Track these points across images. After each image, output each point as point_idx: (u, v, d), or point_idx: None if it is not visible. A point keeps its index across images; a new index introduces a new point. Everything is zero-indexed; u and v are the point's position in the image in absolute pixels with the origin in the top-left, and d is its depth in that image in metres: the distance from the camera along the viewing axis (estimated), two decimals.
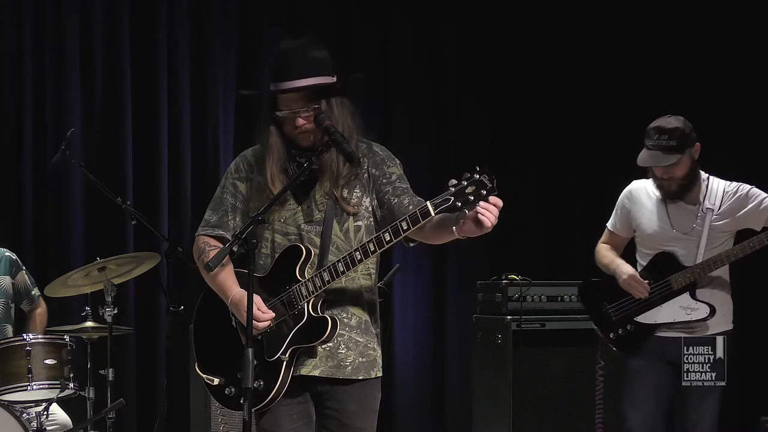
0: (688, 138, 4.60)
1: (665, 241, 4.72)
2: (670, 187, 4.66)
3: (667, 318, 4.71)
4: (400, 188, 3.56)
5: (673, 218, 4.70)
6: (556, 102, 7.60)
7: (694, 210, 4.68)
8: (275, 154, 3.53)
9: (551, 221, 7.59)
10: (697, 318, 4.66)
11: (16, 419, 4.91)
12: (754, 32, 7.10)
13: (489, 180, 3.17)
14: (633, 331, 4.77)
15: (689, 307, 4.67)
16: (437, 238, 3.45)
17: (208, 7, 7.06)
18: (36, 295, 5.66)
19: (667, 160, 4.56)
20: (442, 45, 7.52)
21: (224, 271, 3.53)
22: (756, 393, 6.85)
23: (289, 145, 3.54)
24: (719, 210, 4.66)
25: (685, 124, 4.63)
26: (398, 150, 3.72)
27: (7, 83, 6.69)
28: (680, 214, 4.70)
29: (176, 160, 6.91)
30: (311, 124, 3.49)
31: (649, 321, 4.74)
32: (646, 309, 4.74)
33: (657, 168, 4.63)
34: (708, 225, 4.64)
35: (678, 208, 4.70)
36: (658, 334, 4.73)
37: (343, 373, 3.51)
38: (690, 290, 4.67)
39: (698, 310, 4.66)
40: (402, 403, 7.25)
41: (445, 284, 7.40)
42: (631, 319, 4.77)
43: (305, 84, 3.47)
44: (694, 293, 4.68)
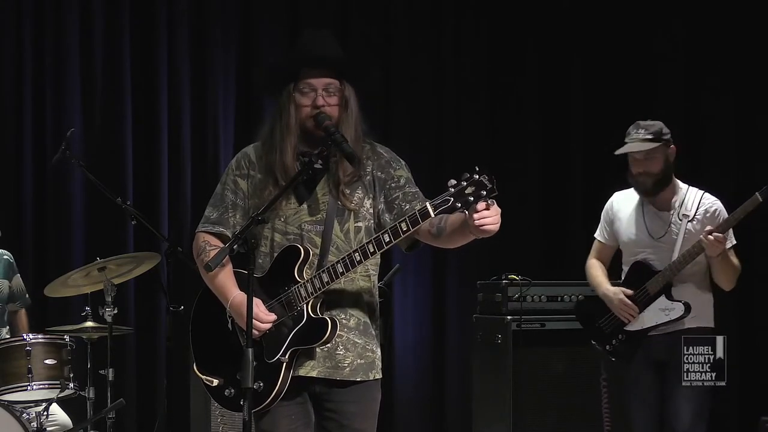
0: (663, 135, 4.91)
1: (641, 247, 4.98)
2: (645, 183, 4.91)
3: (650, 322, 4.93)
4: (411, 193, 3.54)
5: (648, 225, 4.97)
6: (556, 102, 7.60)
7: (668, 216, 4.93)
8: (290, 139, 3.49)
9: (551, 221, 7.59)
10: (674, 317, 4.88)
11: (16, 419, 4.91)
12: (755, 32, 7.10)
13: (488, 180, 3.15)
14: (624, 340, 5.01)
15: (666, 308, 4.90)
16: (455, 242, 3.43)
17: (208, 7, 7.06)
18: (27, 297, 5.68)
19: (644, 147, 4.85)
20: (442, 45, 7.52)
21: (223, 272, 3.51)
22: (756, 393, 6.84)
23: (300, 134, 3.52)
24: (693, 216, 4.88)
25: (662, 126, 4.93)
26: (398, 150, 3.72)
27: (7, 83, 6.69)
28: (655, 220, 4.95)
29: (176, 160, 6.91)
30: (331, 107, 3.48)
31: (637, 328, 4.97)
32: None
33: (636, 162, 4.90)
34: (683, 231, 4.87)
35: (653, 215, 4.96)
36: (649, 335, 4.94)
37: (340, 374, 3.50)
38: (665, 292, 4.90)
39: (674, 309, 4.89)
40: (402, 403, 7.25)
41: (445, 284, 7.40)
42: (621, 329, 5.02)
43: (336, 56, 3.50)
44: (669, 294, 4.89)
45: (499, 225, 3.22)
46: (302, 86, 3.50)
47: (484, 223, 3.20)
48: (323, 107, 3.48)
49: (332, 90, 3.50)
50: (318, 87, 3.49)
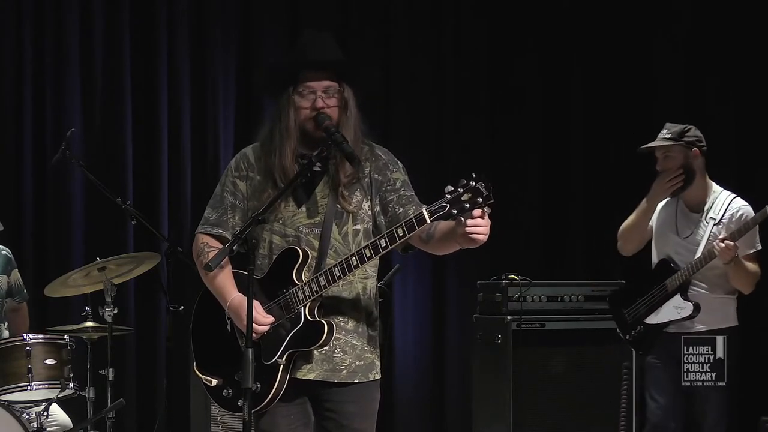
0: (685, 137, 5.08)
1: (668, 243, 5.13)
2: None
3: (665, 318, 5.09)
4: (405, 197, 3.54)
5: (679, 224, 5.12)
6: (557, 102, 7.60)
7: (697, 218, 5.08)
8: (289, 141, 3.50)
9: (551, 221, 7.58)
10: (684, 316, 5.03)
11: (16, 419, 4.91)
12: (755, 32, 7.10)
13: (485, 188, 3.14)
14: (643, 331, 5.18)
15: (680, 306, 5.05)
16: (443, 249, 3.45)
17: (208, 7, 7.06)
18: (25, 292, 5.67)
19: (659, 144, 5.07)
20: (442, 45, 7.52)
21: (222, 273, 3.52)
22: (756, 393, 6.84)
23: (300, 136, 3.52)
24: (720, 220, 5.00)
25: (689, 128, 5.11)
26: (398, 150, 3.72)
27: (7, 83, 6.69)
28: (685, 220, 5.11)
29: (176, 160, 6.91)
30: (330, 109, 3.49)
31: (654, 321, 5.13)
32: (652, 311, 5.14)
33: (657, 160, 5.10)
34: (708, 233, 4.99)
35: (684, 215, 5.11)
36: (666, 331, 5.10)
37: (338, 376, 3.50)
38: (681, 291, 5.05)
39: (685, 308, 5.04)
40: (402, 403, 7.25)
41: (445, 284, 7.40)
42: (641, 321, 5.19)
43: (336, 58, 3.51)
44: (685, 293, 5.05)
45: (487, 237, 3.21)
46: (301, 89, 3.50)
47: (475, 232, 3.19)
48: (323, 109, 3.48)
49: (332, 92, 3.50)
50: (317, 89, 3.49)
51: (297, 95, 3.51)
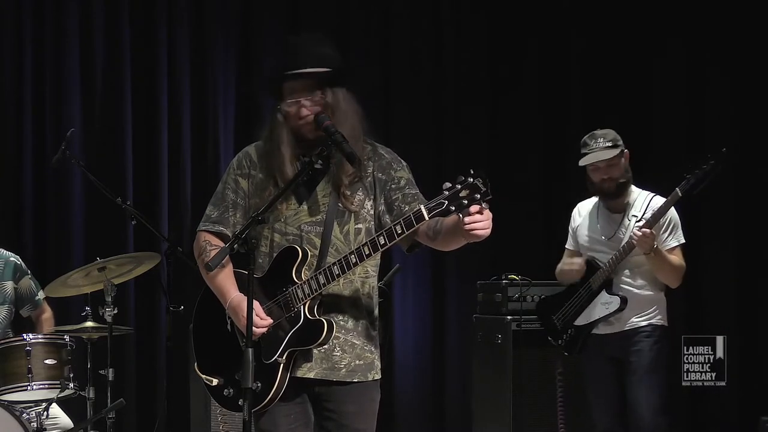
0: (619, 142, 5.10)
1: (594, 246, 5.21)
2: (610, 188, 5.11)
3: (595, 316, 5.15)
4: (410, 195, 3.54)
5: (601, 226, 5.20)
6: (556, 101, 7.60)
7: (619, 218, 5.14)
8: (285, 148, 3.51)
9: (551, 221, 7.57)
10: (612, 311, 5.07)
11: (16, 419, 4.91)
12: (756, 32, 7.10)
13: (483, 184, 3.14)
14: (574, 334, 5.26)
15: (607, 302, 5.11)
16: (451, 244, 3.43)
17: (208, 7, 7.06)
18: (40, 299, 5.66)
19: (608, 154, 5.04)
20: (442, 45, 7.52)
21: (223, 272, 3.52)
22: (756, 393, 6.84)
23: (296, 141, 3.53)
24: (641, 217, 5.03)
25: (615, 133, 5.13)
26: (398, 150, 3.72)
27: (7, 83, 6.69)
28: (608, 222, 5.18)
29: (176, 160, 6.92)
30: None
31: (583, 322, 5.20)
32: (580, 312, 5.22)
33: (597, 171, 5.09)
34: (630, 231, 5.01)
35: (606, 217, 5.19)
36: (594, 332, 5.17)
37: (337, 375, 3.50)
38: (606, 286, 5.11)
39: (612, 303, 5.08)
40: (402, 403, 7.25)
41: (445, 284, 7.40)
42: (570, 324, 5.27)
43: (310, 70, 3.47)
44: (609, 288, 5.10)
45: (489, 230, 3.21)
46: (287, 98, 3.52)
47: (475, 228, 3.19)
48: (307, 117, 3.48)
49: (316, 99, 3.50)
50: (301, 99, 3.49)
51: (284, 104, 3.52)
